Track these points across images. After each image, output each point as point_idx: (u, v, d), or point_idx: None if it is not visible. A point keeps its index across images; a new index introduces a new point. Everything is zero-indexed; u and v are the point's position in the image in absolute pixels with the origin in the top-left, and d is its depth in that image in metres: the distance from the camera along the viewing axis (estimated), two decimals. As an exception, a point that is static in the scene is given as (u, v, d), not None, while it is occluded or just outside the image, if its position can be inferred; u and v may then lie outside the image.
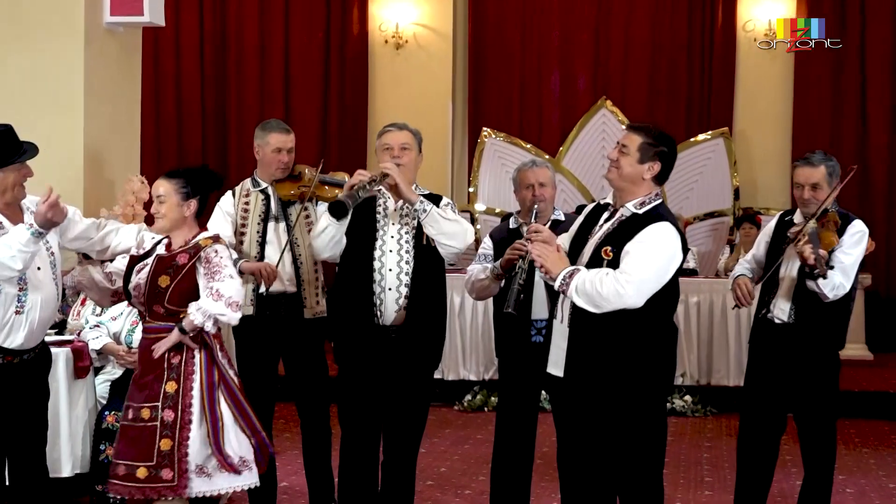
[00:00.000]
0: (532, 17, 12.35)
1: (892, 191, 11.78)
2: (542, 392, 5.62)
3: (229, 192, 5.59)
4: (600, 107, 11.59)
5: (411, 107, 11.69)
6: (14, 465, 4.60)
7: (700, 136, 11.53)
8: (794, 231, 4.98)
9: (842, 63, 11.71)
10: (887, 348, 10.99)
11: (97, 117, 7.16)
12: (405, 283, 4.70)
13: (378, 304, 4.69)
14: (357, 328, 4.73)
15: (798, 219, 5.09)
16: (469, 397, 8.96)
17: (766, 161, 11.92)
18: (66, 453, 5.36)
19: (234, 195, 5.55)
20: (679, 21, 12.06)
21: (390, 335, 4.70)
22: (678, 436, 7.86)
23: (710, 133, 11.54)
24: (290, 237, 5.33)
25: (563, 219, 5.29)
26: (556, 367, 4.18)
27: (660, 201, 4.15)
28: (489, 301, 5.49)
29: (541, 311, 5.04)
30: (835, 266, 4.79)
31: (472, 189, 11.66)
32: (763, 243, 5.25)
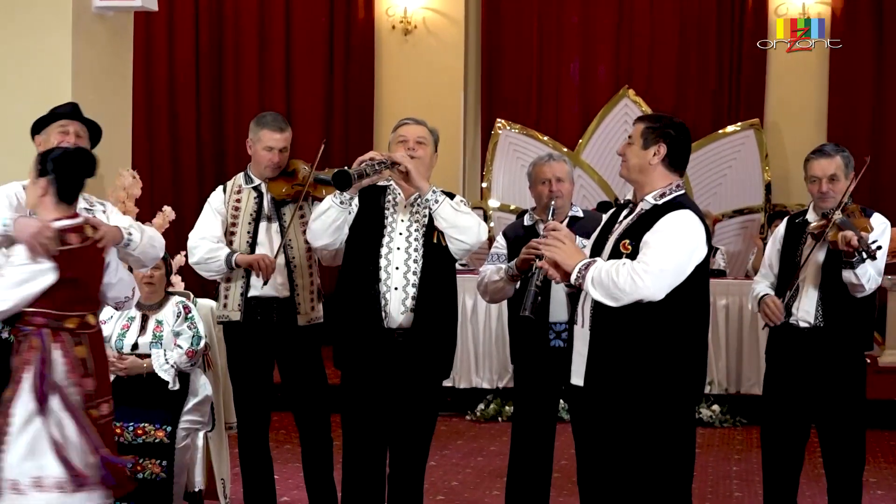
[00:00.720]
0: (550, 0, 12.33)
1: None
2: (561, 401, 5.61)
3: (220, 187, 5.60)
4: (622, 96, 11.57)
5: (420, 97, 11.70)
6: None
7: (729, 128, 11.51)
8: (816, 226, 4.97)
9: (881, 50, 11.66)
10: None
11: (85, 107, 7.14)
12: (413, 283, 4.69)
13: (383, 304, 4.67)
14: (360, 330, 4.71)
15: (813, 217, 5.09)
16: (482, 406, 8.95)
17: (799, 154, 11.65)
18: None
19: (224, 191, 5.56)
20: (708, 4, 12.04)
21: (396, 339, 4.68)
22: (706, 448, 7.84)
23: (739, 124, 11.51)
24: (283, 239, 5.32)
25: (582, 215, 5.28)
26: (579, 377, 4.14)
27: (682, 192, 4.15)
28: (503, 304, 5.48)
29: (559, 313, 5.04)
30: (865, 262, 4.79)
31: (485, 184, 11.65)
32: (775, 251, 5.25)
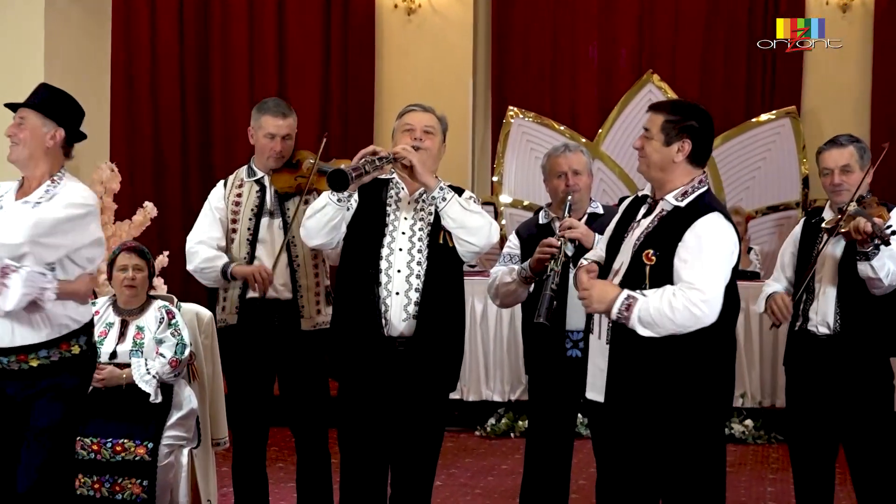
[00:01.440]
0: (567, -24, 12.32)
1: None
2: (579, 415, 5.61)
3: (221, 182, 5.62)
4: (646, 82, 11.54)
5: (425, 82, 11.68)
6: None
7: (763, 117, 11.47)
8: (830, 221, 5.01)
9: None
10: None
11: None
12: (416, 288, 4.68)
13: (383, 310, 4.66)
14: (358, 338, 4.71)
15: (829, 214, 5.11)
16: (493, 421, 8.94)
17: (840, 145, 11.83)
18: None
19: (225, 186, 5.57)
20: (739, -20, 12.01)
21: (397, 347, 4.68)
22: (737, 466, 7.85)
23: (774, 112, 11.48)
24: (286, 236, 5.32)
25: (602, 212, 5.28)
26: (596, 391, 4.18)
27: (705, 188, 4.15)
28: (516, 309, 5.48)
29: (577, 320, 5.03)
30: (881, 251, 4.80)
31: (495, 178, 11.63)
32: (789, 253, 5.27)
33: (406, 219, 4.77)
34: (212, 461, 5.97)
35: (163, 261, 8.38)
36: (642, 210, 4.24)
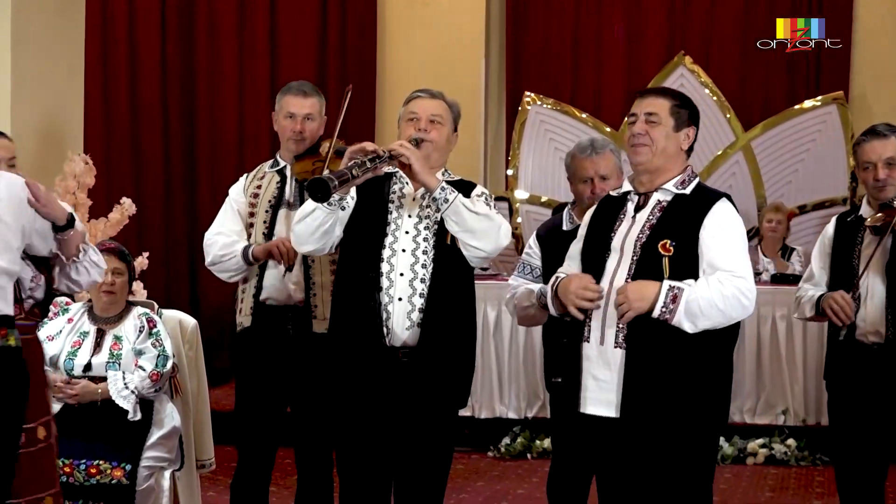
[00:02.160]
0: (589, -53, 12.31)
1: None
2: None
3: (245, 175, 5.69)
4: (677, 64, 11.53)
5: (432, 65, 11.66)
6: None
7: (807, 103, 11.46)
8: (875, 219, 4.99)
9: None
10: None
11: (28, 77, 7.18)
12: (420, 293, 4.68)
13: (384, 317, 4.66)
14: (357, 349, 4.71)
15: (867, 211, 5.10)
16: (507, 441, 8.95)
17: (892, 134, 11.82)
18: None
19: (246, 178, 5.65)
20: (780, -47, 11.99)
21: (400, 359, 4.67)
22: (780, 491, 7.88)
23: (819, 99, 11.47)
24: None
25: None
26: (599, 405, 4.26)
27: (697, 177, 4.39)
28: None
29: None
30: None
31: (510, 171, 11.64)
32: (822, 256, 5.25)
33: (410, 217, 4.76)
34: (196, 485, 5.98)
35: (143, 263, 8.40)
36: (629, 206, 4.38)
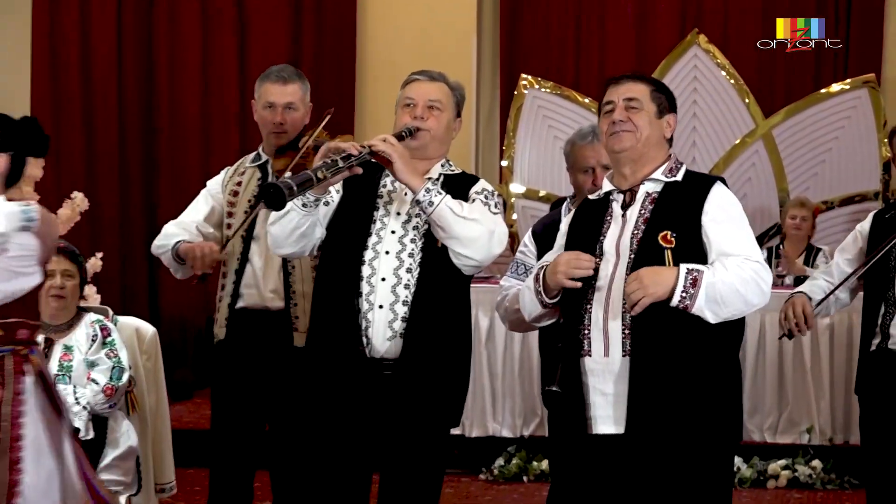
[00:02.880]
0: (592, -87, 12.32)
1: None
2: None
3: (226, 168, 5.69)
4: (690, 44, 11.54)
5: (418, 45, 11.66)
6: None
7: (834, 87, 11.47)
8: None
9: None
10: None
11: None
12: (403, 300, 4.66)
13: (364, 326, 4.65)
14: (334, 359, 4.71)
15: None
16: (501, 462, 8.95)
17: (929, 122, 11.84)
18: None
19: (227, 172, 5.65)
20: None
21: (383, 372, 4.67)
22: (803, 517, 7.86)
23: (848, 82, 11.48)
24: None
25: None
26: (611, 422, 4.26)
27: (684, 164, 4.46)
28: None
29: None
30: None
31: (504, 163, 11.63)
32: (852, 251, 5.27)
33: (399, 215, 4.75)
34: (155, 511, 5.99)
35: (96, 264, 8.37)
36: (615, 206, 4.41)
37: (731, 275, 4.13)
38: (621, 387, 4.21)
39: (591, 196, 4.55)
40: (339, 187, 4.74)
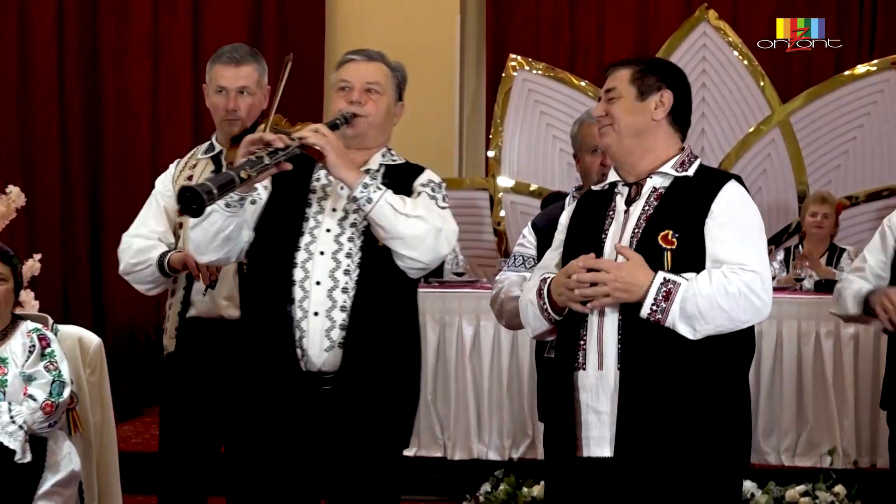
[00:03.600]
0: None
1: None
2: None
3: (174, 163, 5.69)
4: (699, 20, 11.57)
5: (394, 21, 11.66)
6: None
7: (859, 68, 11.50)
8: None
9: None
10: None
11: None
12: (341, 306, 4.62)
13: (298, 336, 4.62)
14: (266, 375, 4.68)
15: None
16: (488, 488, 8.95)
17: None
18: None
19: (176, 165, 5.65)
20: None
21: (321, 387, 4.64)
22: (824, 549, 7.86)
23: (875, 63, 11.52)
24: None
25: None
26: (605, 444, 4.26)
27: (699, 158, 4.41)
28: (521, 336, 5.49)
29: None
30: None
31: (491, 153, 11.64)
32: (884, 247, 5.29)
33: (335, 211, 4.72)
34: (101, 543, 5.99)
35: (34, 267, 8.38)
36: (618, 200, 4.39)
37: (715, 288, 4.08)
38: (609, 406, 4.21)
39: (595, 187, 4.53)
40: (267, 183, 4.69)
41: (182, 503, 5.57)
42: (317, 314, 4.60)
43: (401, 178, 4.75)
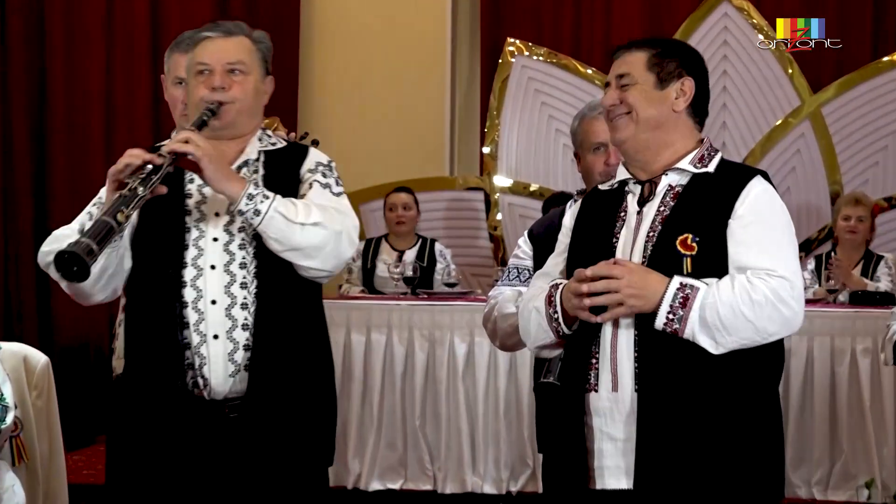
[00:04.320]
0: None
1: None
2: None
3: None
4: (718, 1, 11.59)
5: (381, 6, 11.68)
6: None
7: (892, 56, 11.54)
8: None
9: None
10: None
11: None
12: (243, 324, 4.59)
13: (198, 364, 4.58)
14: (162, 411, 4.63)
15: None
16: (483, 525, 8.99)
17: None
18: None
19: None
20: None
21: (227, 415, 4.61)
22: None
23: (917, 47, 11.57)
24: None
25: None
26: (622, 475, 4.23)
27: (720, 152, 4.37)
28: (520, 355, 5.48)
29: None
30: None
31: (486, 149, 11.66)
32: None
33: (218, 216, 4.64)
34: (47, 585, 5.99)
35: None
36: (630, 200, 4.35)
37: (737, 295, 4.03)
38: (634, 430, 4.17)
39: (602, 186, 4.47)
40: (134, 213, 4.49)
41: None
42: (217, 337, 4.56)
43: (284, 166, 4.71)
